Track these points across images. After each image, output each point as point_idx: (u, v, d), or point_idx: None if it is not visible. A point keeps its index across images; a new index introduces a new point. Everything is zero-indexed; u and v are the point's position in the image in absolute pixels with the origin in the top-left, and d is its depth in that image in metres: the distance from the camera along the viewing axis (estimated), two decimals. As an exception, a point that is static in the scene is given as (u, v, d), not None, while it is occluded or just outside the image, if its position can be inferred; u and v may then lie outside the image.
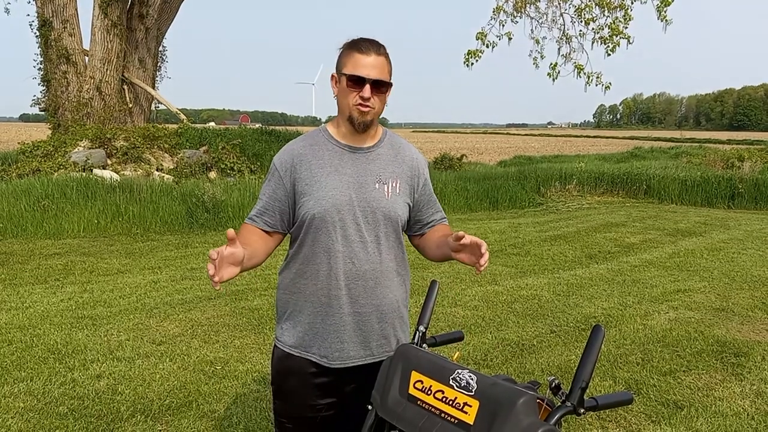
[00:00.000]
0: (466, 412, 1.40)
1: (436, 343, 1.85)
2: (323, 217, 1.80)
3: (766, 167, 15.39)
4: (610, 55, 12.43)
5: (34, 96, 14.13)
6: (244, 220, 1.93)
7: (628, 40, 12.28)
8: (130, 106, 14.05)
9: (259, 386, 3.75)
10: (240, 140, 13.98)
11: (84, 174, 10.59)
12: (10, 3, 15.27)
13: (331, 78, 1.86)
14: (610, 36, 12.34)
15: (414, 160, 1.95)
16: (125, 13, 13.67)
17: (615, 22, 12.30)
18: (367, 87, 1.76)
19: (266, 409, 3.41)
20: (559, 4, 12.89)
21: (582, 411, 1.36)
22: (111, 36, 13.35)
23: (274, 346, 1.96)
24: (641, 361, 4.25)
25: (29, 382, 3.72)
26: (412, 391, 1.52)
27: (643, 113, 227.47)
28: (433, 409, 1.46)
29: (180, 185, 10.45)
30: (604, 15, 12.48)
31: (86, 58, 13.62)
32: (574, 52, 12.80)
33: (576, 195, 14.58)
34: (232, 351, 4.31)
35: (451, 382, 1.45)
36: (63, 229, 8.56)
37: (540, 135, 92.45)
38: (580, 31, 12.82)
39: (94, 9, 13.30)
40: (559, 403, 1.38)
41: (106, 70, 13.47)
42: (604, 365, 4.15)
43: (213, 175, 12.89)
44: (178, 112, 15.56)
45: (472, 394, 1.41)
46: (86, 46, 13.67)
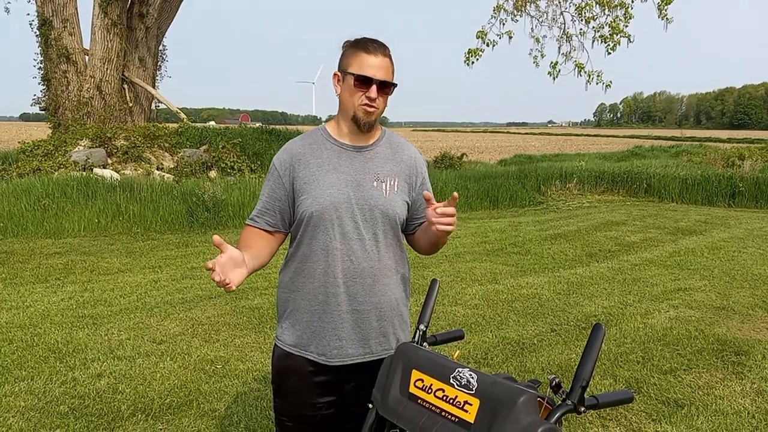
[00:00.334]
0: (466, 411, 1.40)
1: (436, 341, 1.85)
2: (321, 215, 1.80)
3: (766, 166, 15.40)
4: (610, 53, 12.43)
5: (35, 95, 14.19)
6: (246, 221, 1.93)
7: (629, 39, 12.25)
8: (131, 105, 14.06)
9: (260, 385, 3.75)
10: (240, 139, 13.98)
11: (84, 173, 10.60)
12: (10, 2, 15.29)
13: (334, 76, 1.85)
14: (610, 34, 12.32)
15: (412, 159, 1.95)
16: (125, 13, 13.66)
17: (615, 21, 12.29)
18: (374, 87, 1.76)
19: (267, 408, 3.41)
20: (560, 2, 12.89)
21: (582, 409, 1.36)
22: (111, 35, 13.35)
23: (275, 345, 1.96)
24: (642, 360, 4.25)
25: (30, 381, 3.72)
26: (412, 389, 1.52)
27: (643, 112, 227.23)
28: (433, 408, 1.46)
29: (180, 184, 10.45)
30: (605, 13, 12.47)
31: (86, 58, 13.62)
32: (575, 50, 12.80)
33: (576, 194, 14.57)
34: (232, 350, 4.31)
35: (451, 381, 1.45)
36: (63, 229, 8.57)
37: (540, 134, 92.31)
38: (581, 29, 12.81)
39: (94, 8, 13.29)
40: (559, 402, 1.38)
41: (107, 69, 13.47)
42: (605, 364, 4.15)
43: (213, 174, 12.89)
44: (179, 111, 15.56)
45: (473, 392, 1.41)
46: (86, 45, 13.67)
